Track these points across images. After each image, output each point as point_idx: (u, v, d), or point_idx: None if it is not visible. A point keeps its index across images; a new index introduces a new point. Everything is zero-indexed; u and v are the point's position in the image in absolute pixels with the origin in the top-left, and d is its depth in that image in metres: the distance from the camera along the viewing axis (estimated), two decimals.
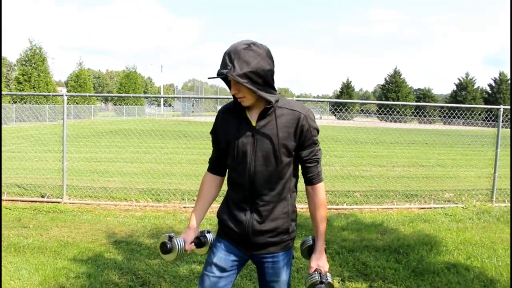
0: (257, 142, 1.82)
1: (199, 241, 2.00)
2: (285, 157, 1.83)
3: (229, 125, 1.89)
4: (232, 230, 1.92)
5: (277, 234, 1.90)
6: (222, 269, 1.93)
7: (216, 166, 2.04)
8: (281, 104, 1.84)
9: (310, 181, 1.92)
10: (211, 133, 2.01)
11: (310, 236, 2.02)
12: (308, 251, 2.00)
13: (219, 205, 2.04)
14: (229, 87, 1.84)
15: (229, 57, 1.72)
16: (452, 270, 3.98)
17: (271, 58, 1.81)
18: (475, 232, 5.24)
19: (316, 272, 1.88)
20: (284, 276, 1.96)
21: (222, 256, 1.94)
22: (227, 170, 1.98)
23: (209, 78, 1.83)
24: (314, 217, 1.93)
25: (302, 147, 1.86)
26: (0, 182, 6.00)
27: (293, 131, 1.82)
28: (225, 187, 2.05)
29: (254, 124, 1.84)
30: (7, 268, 3.78)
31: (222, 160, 2.00)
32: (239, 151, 1.84)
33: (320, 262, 1.90)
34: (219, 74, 1.73)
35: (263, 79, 1.76)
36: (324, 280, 1.85)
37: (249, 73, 1.71)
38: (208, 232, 2.04)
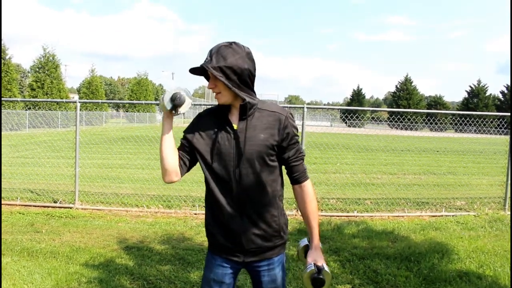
0: (239, 144, 1.80)
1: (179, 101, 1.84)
2: (268, 157, 1.83)
3: (209, 127, 1.86)
4: (223, 240, 1.89)
5: (270, 238, 1.90)
6: (221, 283, 1.94)
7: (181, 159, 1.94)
8: (260, 106, 1.86)
9: (297, 180, 1.91)
10: (185, 133, 1.92)
11: (305, 237, 2.00)
12: (305, 252, 1.96)
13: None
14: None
15: (210, 52, 1.78)
16: (464, 279, 3.95)
17: (251, 59, 1.82)
18: (488, 241, 5.19)
19: (312, 263, 1.85)
20: (280, 281, 1.97)
21: (219, 272, 1.93)
22: (207, 178, 1.91)
23: (190, 70, 1.81)
24: (306, 215, 1.92)
25: (287, 147, 1.87)
26: (0, 188, 6.06)
27: (276, 132, 1.82)
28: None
29: (236, 127, 1.83)
30: (20, 272, 3.83)
31: (186, 161, 1.94)
32: (220, 153, 1.82)
33: (316, 257, 1.88)
34: (198, 67, 1.78)
35: (239, 76, 1.78)
36: (321, 268, 1.82)
37: (224, 67, 1.75)
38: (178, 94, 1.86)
